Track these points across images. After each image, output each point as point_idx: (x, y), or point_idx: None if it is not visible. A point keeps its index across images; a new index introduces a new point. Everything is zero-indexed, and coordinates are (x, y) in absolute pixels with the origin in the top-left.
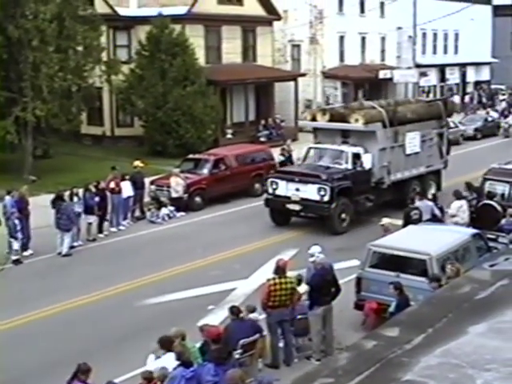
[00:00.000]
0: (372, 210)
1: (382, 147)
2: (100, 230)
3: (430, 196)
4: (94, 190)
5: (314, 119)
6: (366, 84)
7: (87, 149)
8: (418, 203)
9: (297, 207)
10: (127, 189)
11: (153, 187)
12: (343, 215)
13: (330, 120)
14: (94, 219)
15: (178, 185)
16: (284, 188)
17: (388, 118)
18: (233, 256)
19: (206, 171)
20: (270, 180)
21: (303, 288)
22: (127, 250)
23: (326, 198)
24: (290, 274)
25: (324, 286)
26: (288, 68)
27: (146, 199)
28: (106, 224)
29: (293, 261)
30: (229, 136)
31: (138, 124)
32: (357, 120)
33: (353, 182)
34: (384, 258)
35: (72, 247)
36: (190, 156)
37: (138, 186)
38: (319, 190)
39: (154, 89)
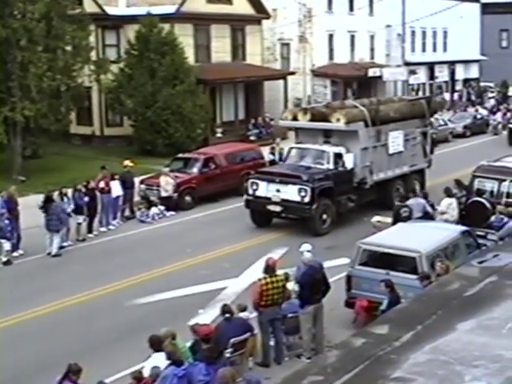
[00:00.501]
0: (358, 209)
1: (364, 147)
2: (90, 230)
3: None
4: (83, 189)
5: (294, 119)
6: (355, 82)
7: (76, 148)
8: (410, 201)
9: (277, 208)
10: (117, 188)
11: (142, 186)
12: (324, 216)
13: (312, 120)
14: (83, 219)
15: (167, 184)
16: (264, 189)
17: (370, 117)
18: (223, 255)
19: (195, 170)
20: (250, 181)
21: (290, 285)
22: (117, 250)
23: (307, 199)
24: (279, 272)
25: (314, 284)
26: (277, 66)
27: (136, 199)
28: (95, 224)
29: (282, 259)
30: (218, 135)
31: (127, 123)
32: (338, 119)
33: (334, 182)
34: (374, 255)
35: (61, 247)
36: (180, 155)
37: (127, 185)
38: (300, 190)
39: (143, 88)
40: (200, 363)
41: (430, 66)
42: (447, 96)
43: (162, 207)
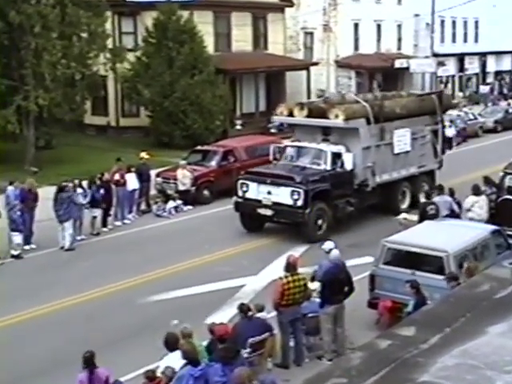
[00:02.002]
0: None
1: (365, 146)
2: (104, 224)
3: (422, 198)
4: (98, 182)
5: (290, 114)
6: (380, 74)
7: (91, 139)
8: (436, 198)
9: (268, 212)
10: (132, 181)
11: (159, 180)
12: (319, 221)
13: (309, 115)
14: (98, 213)
15: (185, 177)
16: (255, 191)
17: (373, 114)
18: (241, 252)
19: (214, 163)
20: (240, 181)
21: (315, 285)
22: (132, 245)
23: (300, 203)
24: (301, 270)
25: (336, 283)
26: (300, 57)
27: (152, 192)
28: (110, 218)
29: (304, 257)
30: (238, 127)
31: (143, 114)
32: (337, 116)
33: (331, 184)
34: (399, 254)
35: (72, 243)
36: (198, 147)
37: (143, 178)
38: (292, 193)
39: (161, 78)
40: (216, 364)
41: (460, 58)
42: (485, 89)
43: (179, 201)
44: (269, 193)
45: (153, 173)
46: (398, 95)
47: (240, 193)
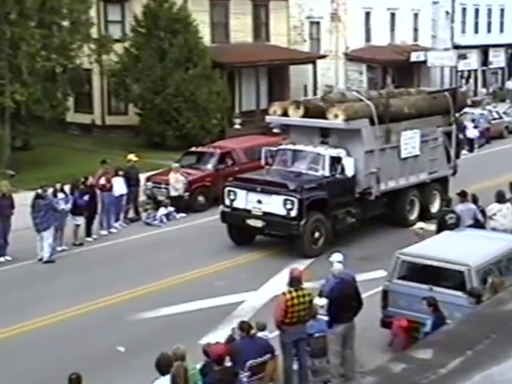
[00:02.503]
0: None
1: (368, 149)
2: (88, 233)
3: (433, 209)
4: (81, 186)
5: (285, 114)
6: (394, 68)
7: (74, 139)
8: (459, 206)
9: (259, 223)
10: (120, 186)
11: (149, 184)
12: (316, 234)
13: (305, 115)
14: (82, 221)
15: (177, 182)
16: (243, 199)
17: (378, 113)
18: (240, 264)
19: (210, 167)
20: (227, 189)
21: (322, 301)
22: (119, 257)
23: (294, 213)
24: (306, 285)
25: (344, 300)
26: (306, 49)
27: (142, 198)
28: (94, 226)
29: (309, 270)
30: (237, 126)
31: (132, 112)
32: (336, 115)
33: (330, 192)
34: (415, 268)
35: (52, 254)
36: (193, 149)
37: (132, 182)
38: (285, 202)
39: (152, 71)
40: None
41: (484, 50)
42: (511, 84)
43: (171, 208)
44: (259, 202)
45: (142, 177)
46: (407, 92)
47: (227, 201)
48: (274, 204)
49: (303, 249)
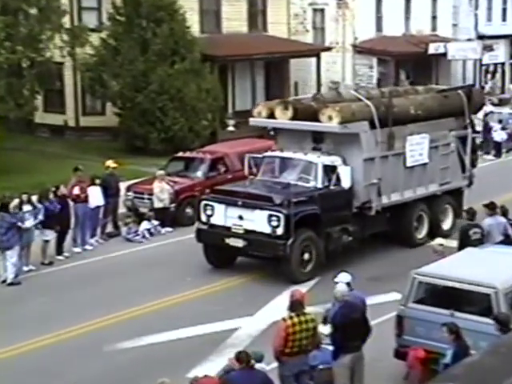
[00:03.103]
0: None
1: (368, 157)
2: (59, 251)
3: (446, 226)
4: (51, 197)
5: (272, 116)
6: (410, 62)
7: (43, 143)
8: (487, 220)
9: (239, 243)
10: (96, 196)
11: (130, 194)
12: (306, 256)
13: (294, 117)
14: (52, 236)
15: (162, 192)
16: (222, 215)
17: (379, 115)
18: (234, 286)
19: (200, 174)
20: (203, 203)
21: (327, 329)
22: (95, 278)
23: (280, 231)
24: (309, 309)
25: (350, 326)
26: (308, 40)
27: (122, 210)
28: (67, 242)
29: (312, 293)
30: (230, 128)
31: (110, 111)
32: (330, 117)
33: (323, 206)
34: (434, 290)
35: (17, 275)
36: (180, 154)
37: (110, 192)
38: (270, 218)
39: (133, 65)
40: None
41: None
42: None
43: (156, 222)
44: (240, 218)
45: (122, 186)
46: (413, 91)
47: (203, 217)
48: (258, 220)
49: (290, 272)
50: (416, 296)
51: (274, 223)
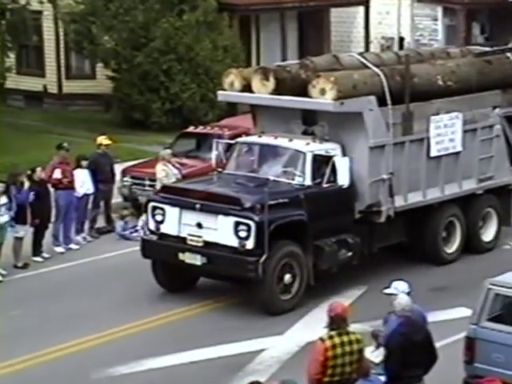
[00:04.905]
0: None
1: (376, 144)
2: (36, 251)
3: (487, 237)
4: (26, 182)
5: (247, 88)
6: (485, 12)
7: (17, 113)
8: None
9: (197, 260)
10: (84, 182)
11: (127, 180)
12: (287, 277)
13: (276, 90)
14: (25, 231)
15: (168, 176)
16: (176, 222)
17: (391, 88)
18: None
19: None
20: (150, 205)
21: (379, 354)
22: (81, 285)
23: (250, 244)
24: (354, 327)
25: (410, 350)
26: None
27: (116, 200)
28: (46, 240)
29: (359, 305)
30: None
31: (102, 75)
32: (323, 91)
33: (311, 211)
34: None
35: None
36: (190, 129)
37: (102, 177)
38: (237, 227)
39: (130, 16)
40: None
41: None
42: None
43: None
44: (199, 226)
45: (117, 169)
46: (443, 53)
47: (152, 225)
48: (221, 230)
49: (264, 300)
50: (491, 312)
51: (243, 234)
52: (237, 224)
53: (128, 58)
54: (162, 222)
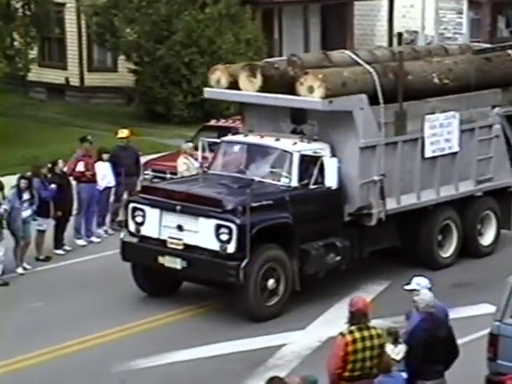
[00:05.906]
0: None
1: (366, 144)
2: (58, 244)
3: (486, 241)
4: (48, 175)
5: (234, 85)
6: (508, 6)
7: (39, 106)
8: None
9: (177, 263)
10: (106, 175)
11: (148, 173)
12: (270, 282)
13: (263, 88)
14: (48, 224)
15: (189, 170)
16: (156, 223)
17: (383, 86)
18: None
19: None
20: (130, 206)
21: (400, 350)
22: (103, 278)
23: (232, 248)
24: (375, 323)
25: (432, 346)
26: None
27: None
28: (68, 233)
29: (381, 300)
30: None
31: (124, 67)
32: (311, 89)
33: (297, 213)
34: None
35: (3, 273)
36: (212, 123)
37: (124, 170)
38: (218, 230)
39: (153, 9)
40: None
41: None
42: None
43: None
44: (179, 228)
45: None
46: (440, 49)
47: (132, 226)
48: (202, 232)
49: (246, 305)
50: None
51: (224, 237)
52: (218, 227)
53: (150, 51)
54: (142, 223)
